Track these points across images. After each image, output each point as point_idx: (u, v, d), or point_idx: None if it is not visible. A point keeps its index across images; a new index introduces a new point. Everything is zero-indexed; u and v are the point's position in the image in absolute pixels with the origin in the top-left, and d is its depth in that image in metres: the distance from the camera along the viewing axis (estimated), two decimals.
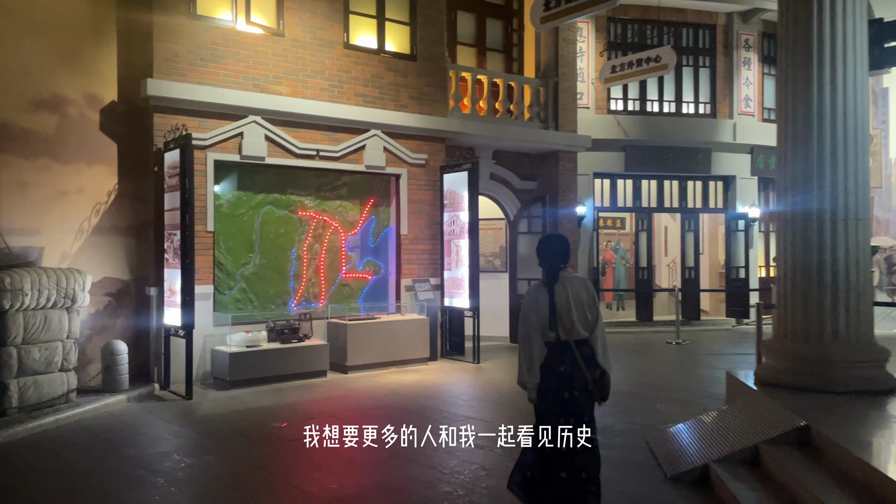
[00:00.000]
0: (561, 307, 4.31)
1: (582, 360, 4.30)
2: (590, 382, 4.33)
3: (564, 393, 4.33)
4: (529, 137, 12.75)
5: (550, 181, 13.43)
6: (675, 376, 10.10)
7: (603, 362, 4.37)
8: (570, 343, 4.30)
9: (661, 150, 15.88)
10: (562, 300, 4.33)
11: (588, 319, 4.37)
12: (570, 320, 4.31)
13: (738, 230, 16.45)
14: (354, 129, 10.82)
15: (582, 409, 4.31)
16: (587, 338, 4.36)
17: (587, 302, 4.39)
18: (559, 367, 4.32)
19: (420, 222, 11.53)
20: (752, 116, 16.94)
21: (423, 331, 10.90)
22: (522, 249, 13.30)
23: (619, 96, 16.03)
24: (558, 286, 4.38)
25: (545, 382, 4.35)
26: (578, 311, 4.34)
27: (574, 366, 4.31)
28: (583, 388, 4.33)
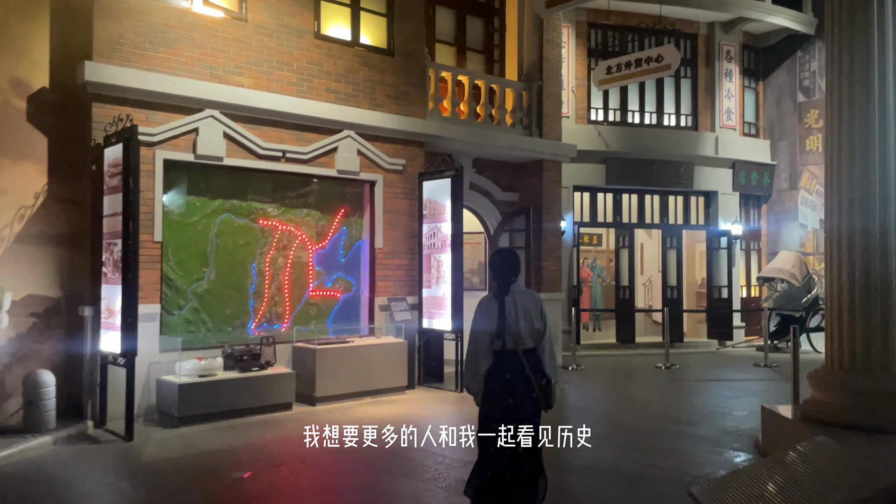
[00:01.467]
0: (510, 318, 4.50)
1: (529, 368, 4.50)
2: (535, 390, 4.51)
3: (509, 399, 4.49)
4: (513, 144, 11.74)
5: (533, 193, 12.43)
6: (682, 407, 9.13)
7: (549, 371, 4.58)
8: (517, 352, 4.51)
9: (642, 162, 15.10)
10: (511, 311, 4.52)
11: (536, 330, 4.57)
12: (518, 331, 4.51)
13: (720, 248, 15.73)
14: (325, 128, 9.63)
15: (524, 415, 4.48)
16: (534, 348, 4.56)
17: (535, 314, 4.60)
18: (505, 374, 4.50)
19: (396, 234, 10.37)
20: (734, 130, 16.34)
21: (400, 356, 9.70)
22: None
23: (600, 105, 15.21)
24: (508, 298, 4.57)
25: (491, 389, 4.53)
26: (526, 323, 4.55)
27: (520, 374, 4.50)
28: (527, 395, 4.50)
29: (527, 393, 4.51)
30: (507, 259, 4.81)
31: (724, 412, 8.70)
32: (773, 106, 17.05)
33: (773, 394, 10.01)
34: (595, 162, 14.71)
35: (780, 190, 16.92)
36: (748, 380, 11.34)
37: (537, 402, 4.54)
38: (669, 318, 14.93)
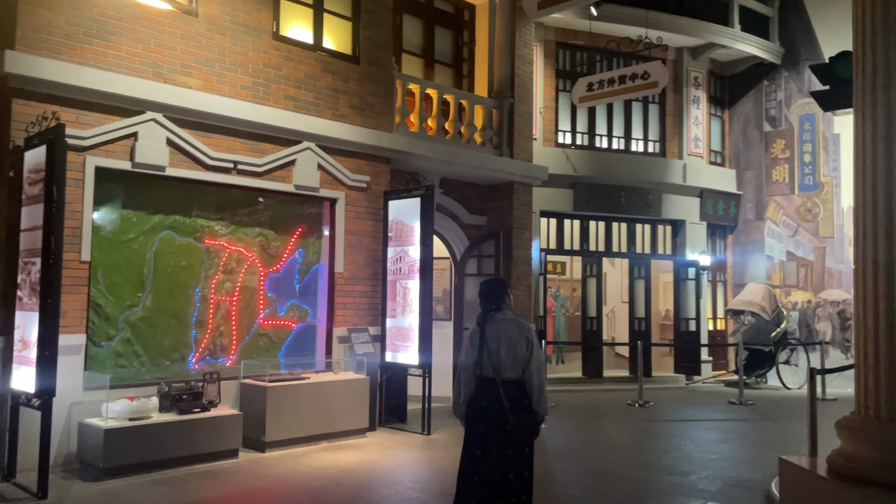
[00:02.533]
0: (490, 346, 4.50)
1: (506, 399, 4.42)
2: (509, 422, 4.41)
3: (481, 425, 4.51)
4: (483, 164, 10.96)
5: (503, 216, 11.66)
6: (672, 452, 8.35)
7: (536, 407, 4.51)
8: (495, 381, 4.47)
9: (610, 188, 14.53)
10: (491, 339, 4.52)
11: (518, 361, 4.50)
12: (498, 360, 4.49)
13: (687, 279, 15.25)
14: (282, 139, 8.67)
15: (496, 444, 4.44)
16: (518, 379, 4.50)
17: (520, 344, 4.53)
18: (482, 401, 4.51)
19: (359, 258, 9.42)
20: (702, 158, 15.97)
21: (361, 394, 8.70)
22: (471, 294, 11.38)
23: (567, 128, 14.62)
24: (490, 326, 4.57)
25: (470, 413, 4.58)
26: (507, 352, 4.50)
27: (495, 403, 4.45)
28: (500, 425, 4.43)
29: (500, 423, 4.45)
30: (490, 287, 4.82)
31: (718, 459, 7.96)
32: (739, 135, 16.79)
33: (762, 436, 9.36)
34: (563, 186, 14.07)
35: (747, 220, 16.59)
36: (729, 420, 10.69)
37: (511, 434, 4.44)
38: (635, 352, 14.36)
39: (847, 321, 15.33)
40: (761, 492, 6.54)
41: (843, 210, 15.44)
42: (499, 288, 4.80)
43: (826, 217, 15.56)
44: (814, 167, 15.67)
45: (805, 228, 15.87)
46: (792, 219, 16.00)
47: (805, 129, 15.80)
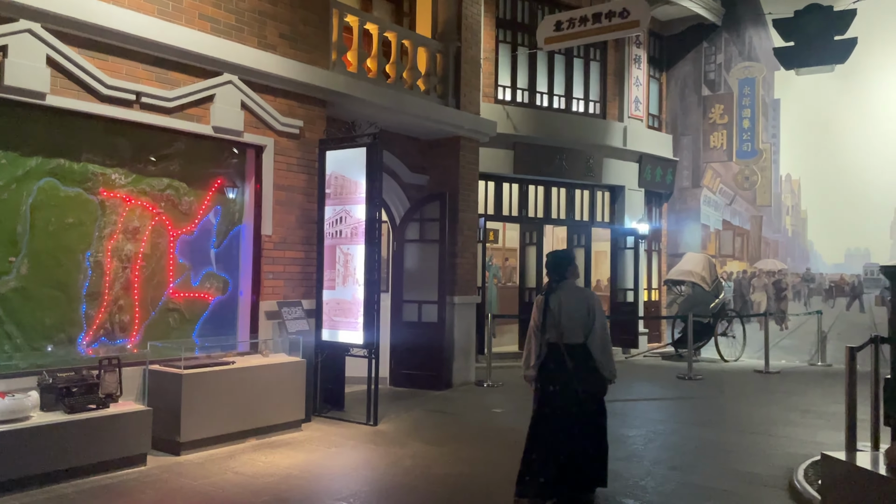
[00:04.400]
0: (554, 313, 4.97)
1: (570, 361, 4.92)
2: (573, 381, 4.91)
3: (550, 387, 5.03)
4: (430, 114, 9.62)
5: (447, 176, 10.38)
6: (654, 441, 7.41)
7: (601, 367, 5.00)
8: (559, 345, 4.97)
9: (552, 150, 13.51)
10: (555, 307, 4.99)
11: (580, 326, 4.96)
12: (560, 325, 4.95)
13: (626, 248, 14.52)
14: (198, 68, 7.02)
15: (564, 403, 4.96)
16: (582, 343, 4.99)
17: (581, 311, 5.00)
18: (549, 364, 5.02)
19: (290, 219, 7.92)
20: (641, 121, 15.20)
21: (296, 380, 7.28)
22: (412, 262, 10.08)
23: (508, 84, 13.44)
24: (554, 295, 5.05)
25: (541, 377, 5.09)
26: (570, 318, 4.97)
27: (560, 365, 4.95)
28: (567, 385, 4.94)
29: (566, 383, 4.93)
30: (556, 258, 5.23)
31: (708, 447, 7.09)
32: (677, 99, 16.15)
33: (737, 417, 8.60)
34: (503, 147, 12.91)
35: (683, 188, 16.04)
36: (690, 398, 9.94)
37: (576, 394, 4.91)
38: None
39: (783, 291, 15.08)
40: (784, 490, 5.66)
41: (781, 178, 15.12)
42: (564, 259, 5.23)
43: (764, 185, 15.20)
44: (752, 134, 15.23)
45: (742, 197, 15.47)
46: (729, 187, 15.56)
47: (744, 93, 15.32)
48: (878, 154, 14.05)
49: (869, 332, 17.22)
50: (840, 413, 9.03)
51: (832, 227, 14.67)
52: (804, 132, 14.88)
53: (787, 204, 15.19)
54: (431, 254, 9.90)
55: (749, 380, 11.81)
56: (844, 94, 14.27)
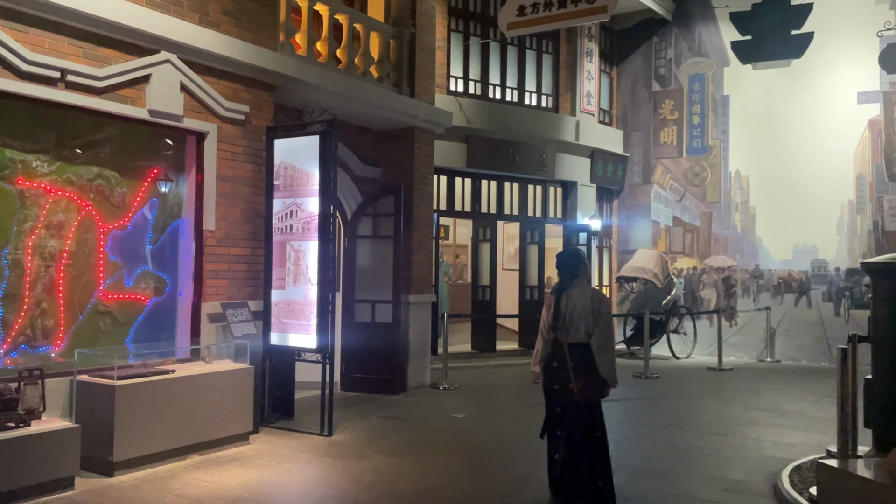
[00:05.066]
0: (563, 312, 4.97)
1: (571, 360, 4.92)
2: (571, 381, 4.89)
3: (554, 385, 5.03)
4: (384, 103, 9.09)
5: (402, 169, 9.86)
6: (625, 446, 7.08)
7: (601, 369, 4.90)
8: (563, 344, 4.96)
9: (505, 144, 13.13)
10: (564, 307, 4.99)
11: (585, 326, 4.93)
12: (567, 325, 4.96)
13: (578, 244, 14.26)
14: (132, 45, 6.33)
15: (563, 402, 4.96)
16: (585, 343, 4.94)
17: (587, 311, 4.95)
18: (553, 362, 5.03)
19: (235, 212, 7.27)
20: (593, 116, 14.98)
21: (242, 388, 6.66)
22: (365, 260, 9.53)
23: (460, 74, 12.99)
24: (565, 294, 5.04)
25: (545, 374, 5.11)
26: (575, 318, 4.95)
27: (562, 363, 4.96)
28: (564, 384, 4.94)
29: (565, 382, 4.92)
30: (566, 258, 5.24)
31: (681, 452, 6.80)
32: (628, 94, 16.01)
33: (701, 418, 8.37)
34: (455, 140, 12.45)
35: (633, 184, 15.91)
36: (650, 398, 9.70)
37: (573, 393, 4.88)
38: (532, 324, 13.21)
39: (732, 288, 15.11)
40: (764, 497, 5.37)
41: (731, 175, 15.14)
42: (574, 259, 5.23)
43: (713, 182, 15.19)
44: (702, 130, 15.20)
45: (692, 193, 15.44)
46: (679, 183, 15.50)
47: (694, 89, 15.28)
48: (825, 150, 14.18)
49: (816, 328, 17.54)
50: (804, 412, 8.97)
51: (781, 223, 14.77)
52: (753, 129, 14.93)
53: (736, 200, 15.23)
54: (385, 251, 9.38)
55: (704, 377, 11.68)
56: (792, 90, 14.36)
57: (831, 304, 14.84)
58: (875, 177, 13.68)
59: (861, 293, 17.09)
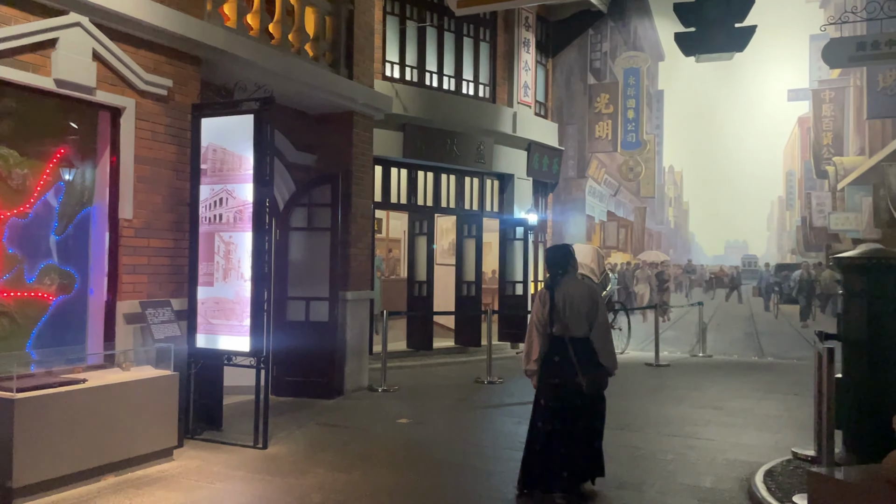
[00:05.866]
0: (558, 308, 5.00)
1: (574, 354, 4.96)
2: (578, 374, 4.93)
3: (555, 380, 5.03)
4: (322, 83, 8.41)
5: (339, 156, 9.20)
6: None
7: (603, 360, 5.03)
8: (564, 339, 5.00)
9: (442, 134, 12.63)
10: (559, 301, 5.01)
11: (584, 320, 5.02)
12: (565, 319, 4.99)
13: (515, 239, 13.91)
14: (36, 3, 5.46)
15: (568, 396, 4.97)
16: (585, 337, 5.03)
17: (585, 305, 5.03)
18: (554, 357, 5.05)
19: (156, 199, 6.47)
20: (530, 108, 14.66)
21: (165, 398, 5.89)
22: (299, 253, 8.83)
23: (396, 60, 12.39)
24: (558, 289, 5.06)
25: (544, 370, 5.09)
26: (573, 312, 5.00)
27: (564, 358, 4.99)
28: (570, 378, 4.96)
29: (570, 376, 4.98)
30: (556, 252, 5.35)
31: (643, 457, 6.47)
32: (563, 86, 15.76)
33: (654, 417, 8.10)
34: (392, 128, 11.85)
35: (568, 178, 15.69)
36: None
37: (579, 386, 4.95)
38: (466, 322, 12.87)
39: (665, 283, 15.11)
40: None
41: (665, 170, 15.15)
42: (561, 255, 5.25)
43: (648, 176, 15.14)
44: (637, 124, 15.12)
45: (626, 188, 15.36)
46: (614, 177, 15.39)
47: (630, 83, 15.17)
48: (756, 147, 14.49)
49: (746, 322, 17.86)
50: (751, 410, 8.81)
51: (713, 218, 15.04)
52: (687, 124, 15.10)
53: (669, 195, 15.31)
54: (321, 244, 8.70)
55: (644, 374, 11.52)
56: (725, 87, 14.58)
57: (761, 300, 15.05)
58: (804, 173, 13.93)
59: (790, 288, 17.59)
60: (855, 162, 19.03)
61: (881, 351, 5.48)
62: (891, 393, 5.46)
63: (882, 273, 5.52)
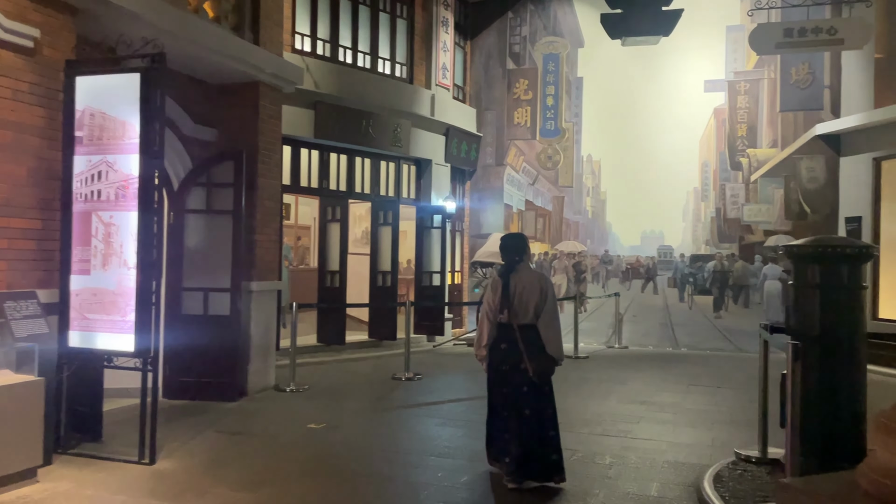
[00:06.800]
0: (511, 295, 5.09)
1: (522, 341, 5.04)
2: (524, 361, 5.02)
3: (504, 367, 5.13)
4: (224, 48, 7.47)
5: (243, 131, 8.27)
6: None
7: (549, 348, 5.06)
8: (513, 326, 5.08)
9: (356, 114, 11.83)
10: (512, 289, 5.10)
11: (533, 308, 5.09)
12: (516, 307, 5.08)
13: (432, 227, 13.29)
14: None
15: (515, 382, 5.07)
16: (533, 324, 5.09)
17: (535, 293, 5.12)
18: (501, 344, 5.13)
19: (19, 171, 5.42)
20: (449, 90, 14.04)
21: (28, 409, 4.91)
22: (197, 239, 7.87)
23: (307, 31, 11.48)
24: (512, 276, 5.16)
25: (493, 356, 5.20)
26: (524, 300, 5.09)
27: (513, 345, 5.07)
28: (517, 365, 5.06)
29: (517, 363, 5.06)
30: (511, 241, 5.40)
31: (579, 461, 5.96)
32: (482, 70, 15.22)
33: (583, 414, 7.63)
34: (302, 105, 10.97)
35: (486, 165, 15.18)
36: None
37: (526, 373, 5.02)
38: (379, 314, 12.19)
39: (582, 273, 14.85)
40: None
41: (583, 159, 14.87)
42: (518, 242, 5.37)
43: (566, 165, 14.84)
44: (556, 112, 14.75)
45: (545, 177, 15.02)
46: (532, 166, 15.01)
47: (549, 69, 14.77)
48: (673, 137, 14.50)
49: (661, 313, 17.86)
50: (680, 405, 8.43)
51: (630, 208, 14.93)
52: (605, 113, 14.94)
53: (588, 185, 15.09)
54: (223, 228, 7.78)
55: (564, 366, 10.91)
56: (644, 76, 14.50)
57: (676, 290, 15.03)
58: (719, 165, 13.93)
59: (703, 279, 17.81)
60: (768, 154, 19.53)
61: (835, 346, 5.14)
62: (845, 392, 5.14)
63: (836, 262, 5.18)
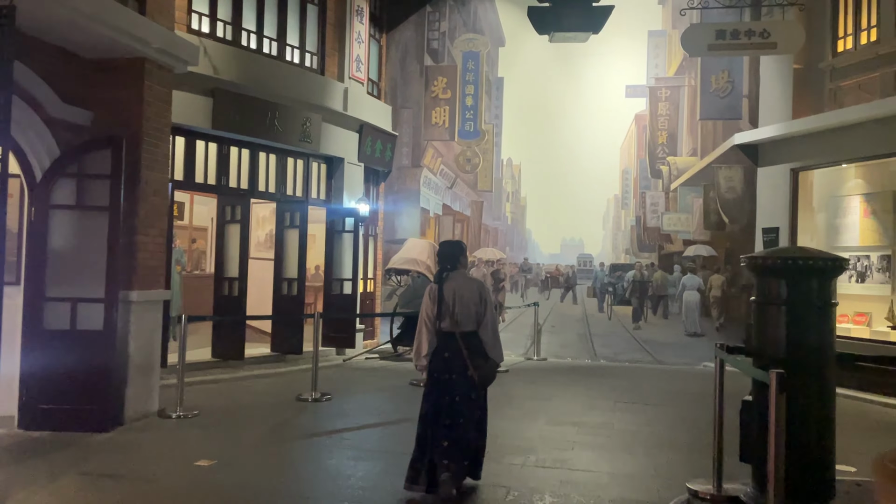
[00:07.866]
0: (448, 302, 5.06)
1: (465, 349, 5.04)
2: (469, 368, 5.03)
3: (446, 375, 5.07)
4: (100, 13, 6.29)
5: (124, 114, 7.08)
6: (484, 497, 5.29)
7: (492, 353, 5.15)
8: (454, 334, 5.07)
9: (262, 105, 10.75)
10: (448, 296, 5.08)
11: (473, 315, 5.11)
12: (455, 314, 5.06)
13: (344, 231, 12.34)
14: None
15: (459, 390, 5.03)
16: (474, 331, 5.12)
17: (474, 300, 5.14)
18: (444, 353, 5.09)
19: None
20: (363, 85, 13.13)
21: None
22: (64, 239, 6.64)
23: (205, 11, 10.32)
24: (447, 284, 5.15)
25: (433, 366, 5.13)
26: (463, 308, 5.09)
27: (456, 353, 5.04)
28: (462, 372, 5.04)
29: (462, 371, 5.05)
30: (448, 248, 5.49)
31: (514, 501, 5.20)
32: (398, 66, 14.38)
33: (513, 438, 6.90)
34: (198, 92, 9.82)
35: (402, 166, 14.34)
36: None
37: (472, 379, 5.04)
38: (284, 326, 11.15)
39: (501, 282, 14.24)
40: None
41: (503, 162, 14.28)
42: (455, 249, 5.45)
43: (485, 169, 14.22)
44: (475, 112, 14.10)
45: (463, 180, 14.35)
46: (450, 168, 14.30)
47: (468, 68, 14.10)
48: (594, 143, 14.17)
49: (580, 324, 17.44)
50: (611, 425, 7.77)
51: (550, 215, 14.43)
52: (526, 115, 14.48)
53: (507, 190, 14.53)
54: (97, 227, 6.59)
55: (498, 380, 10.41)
56: (565, 78, 14.14)
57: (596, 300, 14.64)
58: (640, 172, 13.61)
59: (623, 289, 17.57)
60: (687, 162, 19.58)
61: (801, 368, 4.59)
62: (812, 419, 4.60)
63: (804, 276, 4.65)
